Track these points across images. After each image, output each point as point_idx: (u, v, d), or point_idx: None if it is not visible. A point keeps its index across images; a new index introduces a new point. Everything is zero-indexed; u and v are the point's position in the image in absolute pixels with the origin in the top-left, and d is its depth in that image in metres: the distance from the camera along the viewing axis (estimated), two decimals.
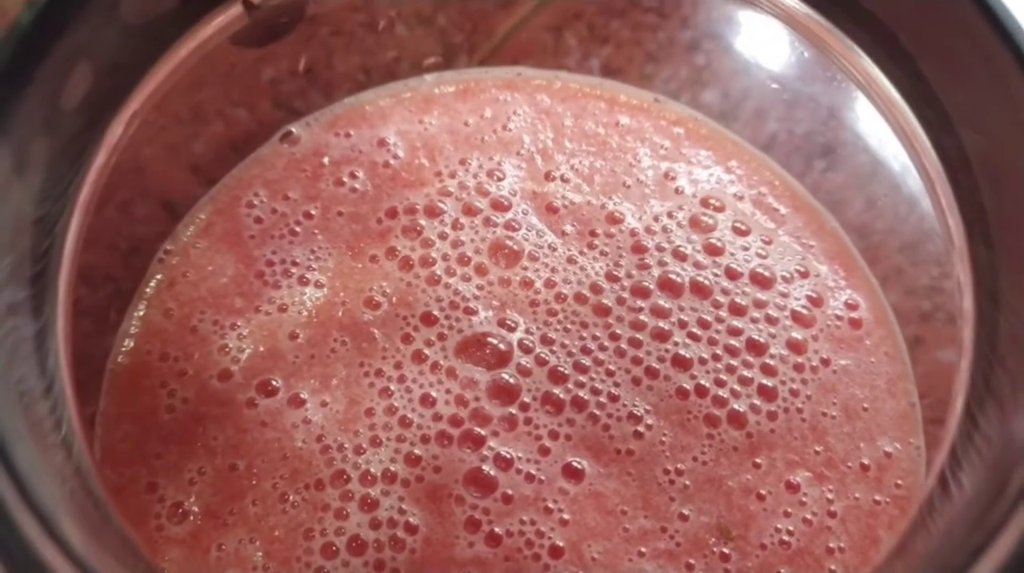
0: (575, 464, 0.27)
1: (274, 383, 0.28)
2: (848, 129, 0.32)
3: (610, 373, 0.28)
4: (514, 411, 0.28)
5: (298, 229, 0.31)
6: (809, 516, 0.27)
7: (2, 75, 0.19)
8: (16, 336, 0.19)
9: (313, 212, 0.31)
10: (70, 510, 0.17)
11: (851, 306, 0.30)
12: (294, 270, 0.30)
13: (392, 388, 0.28)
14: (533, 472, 0.27)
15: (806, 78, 0.32)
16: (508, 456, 0.27)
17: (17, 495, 0.16)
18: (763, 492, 0.27)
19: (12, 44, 0.19)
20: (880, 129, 0.29)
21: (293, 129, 0.32)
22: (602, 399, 0.28)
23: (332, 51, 0.34)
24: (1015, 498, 0.19)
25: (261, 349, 0.29)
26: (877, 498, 0.27)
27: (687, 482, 0.27)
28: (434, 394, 0.28)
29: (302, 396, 0.28)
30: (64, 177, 0.21)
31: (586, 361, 0.28)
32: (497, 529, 0.26)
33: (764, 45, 0.33)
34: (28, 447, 0.17)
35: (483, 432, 0.27)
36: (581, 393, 0.28)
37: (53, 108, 0.20)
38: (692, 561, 0.26)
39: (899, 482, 0.28)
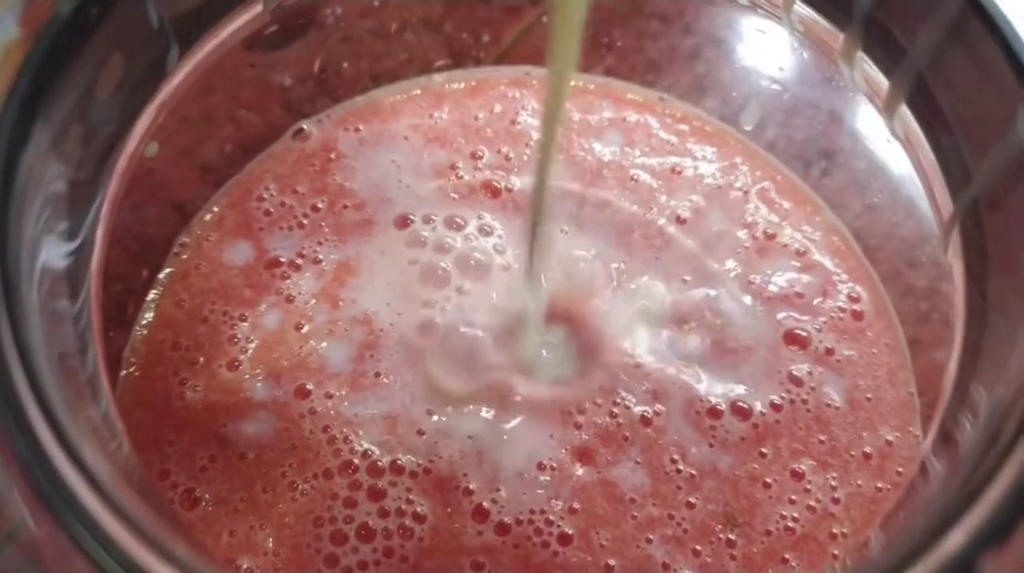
0: (585, 453, 0.27)
1: (281, 373, 0.29)
2: (847, 134, 0.33)
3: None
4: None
5: (305, 222, 0.31)
6: (813, 503, 0.27)
7: (43, 61, 0.19)
8: (56, 309, 0.20)
9: (320, 205, 0.31)
10: (114, 474, 0.18)
11: (853, 299, 0.30)
12: (300, 262, 0.30)
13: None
14: (544, 462, 0.27)
15: (806, 82, 0.33)
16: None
17: (70, 463, 0.17)
18: (769, 480, 0.27)
19: (52, 33, 0.19)
20: (879, 133, 0.30)
21: (304, 126, 0.33)
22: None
23: (341, 57, 0.34)
24: (1009, 441, 0.20)
25: (268, 339, 0.29)
26: (879, 485, 0.28)
27: (694, 472, 0.27)
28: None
29: (308, 387, 0.28)
30: (97, 164, 0.22)
31: None
32: (506, 518, 0.27)
33: (765, 50, 0.33)
34: (73, 416, 0.18)
35: None
36: None
37: (88, 96, 0.21)
38: (699, 547, 0.26)
39: (900, 469, 0.28)
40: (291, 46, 0.33)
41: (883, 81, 0.26)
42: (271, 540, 0.26)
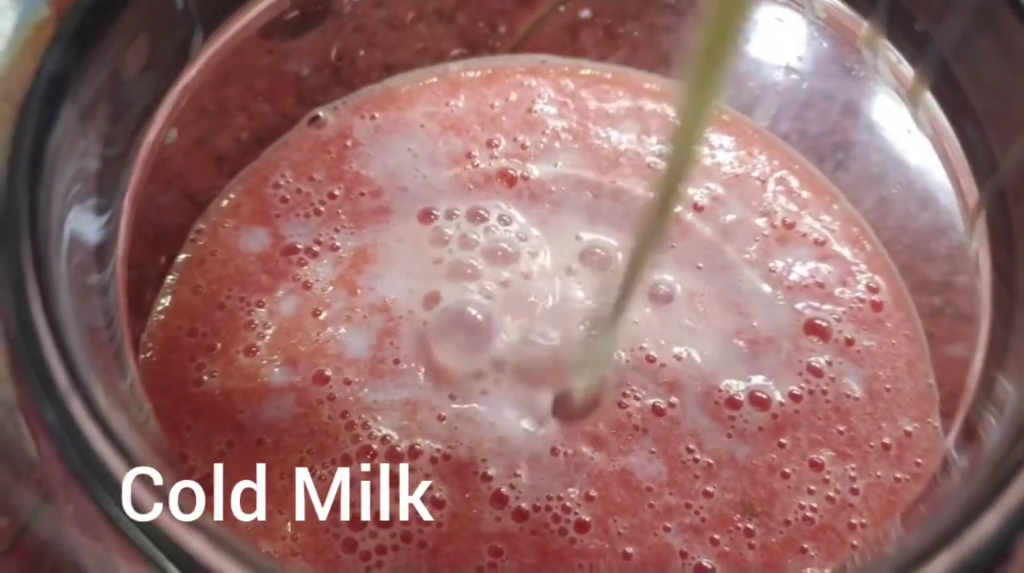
0: (600, 442, 0.27)
1: (298, 359, 0.28)
2: (863, 127, 0.32)
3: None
4: None
5: (322, 208, 0.31)
6: (832, 493, 0.27)
7: (70, 41, 0.19)
8: (85, 283, 0.20)
9: (337, 192, 0.31)
10: (144, 447, 0.18)
11: (872, 289, 0.30)
12: (317, 248, 0.30)
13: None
14: (559, 448, 0.27)
15: (824, 72, 0.32)
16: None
17: (101, 434, 0.17)
18: (787, 470, 0.27)
19: (80, 12, 0.19)
20: (898, 124, 0.30)
21: (320, 113, 0.33)
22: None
23: (356, 47, 0.34)
24: None
25: (286, 325, 0.29)
26: (898, 476, 0.28)
27: (711, 461, 0.27)
28: None
29: (326, 373, 0.28)
30: (125, 141, 0.22)
31: None
32: (524, 505, 0.26)
33: (782, 39, 0.33)
34: (103, 388, 0.18)
35: None
36: None
37: (116, 76, 0.21)
38: (717, 536, 0.26)
39: (919, 461, 0.28)
40: (307, 35, 0.33)
41: (907, 69, 0.26)
42: (289, 525, 0.26)
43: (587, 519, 0.26)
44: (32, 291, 0.17)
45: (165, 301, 0.30)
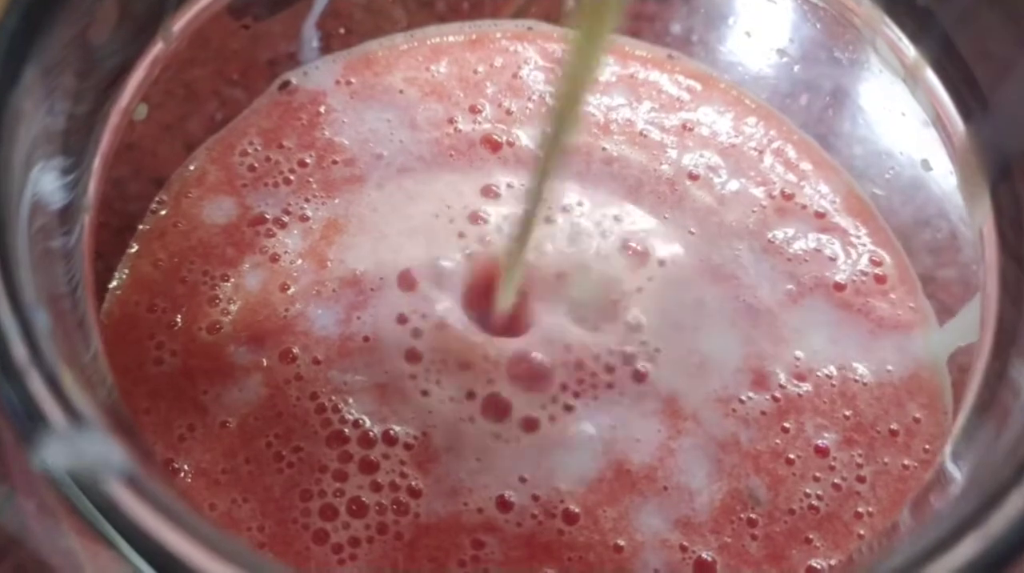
0: (590, 428, 0.26)
1: (265, 337, 0.27)
2: (855, 111, 0.31)
3: None
4: None
5: (292, 177, 0.29)
6: (839, 481, 0.26)
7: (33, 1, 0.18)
8: (48, 247, 0.18)
9: (308, 160, 0.29)
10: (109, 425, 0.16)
11: (876, 262, 0.29)
12: (287, 219, 0.29)
13: None
14: (546, 434, 0.25)
15: (818, 54, 0.31)
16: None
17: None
18: (792, 456, 0.26)
19: None
20: (890, 107, 0.29)
21: (292, 79, 0.31)
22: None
23: (333, 29, 0.32)
24: None
25: (252, 301, 0.27)
26: (906, 463, 0.26)
27: (712, 446, 0.26)
28: None
29: (294, 351, 0.26)
30: (91, 104, 0.20)
31: None
32: (508, 493, 0.25)
33: (771, 23, 0.32)
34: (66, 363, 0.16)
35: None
36: None
37: (81, 42, 0.19)
38: (718, 527, 0.25)
39: (927, 447, 0.27)
40: (278, 15, 0.31)
41: (907, 47, 0.25)
42: (255, 515, 0.24)
43: (576, 509, 0.25)
44: None
45: (122, 275, 0.28)
